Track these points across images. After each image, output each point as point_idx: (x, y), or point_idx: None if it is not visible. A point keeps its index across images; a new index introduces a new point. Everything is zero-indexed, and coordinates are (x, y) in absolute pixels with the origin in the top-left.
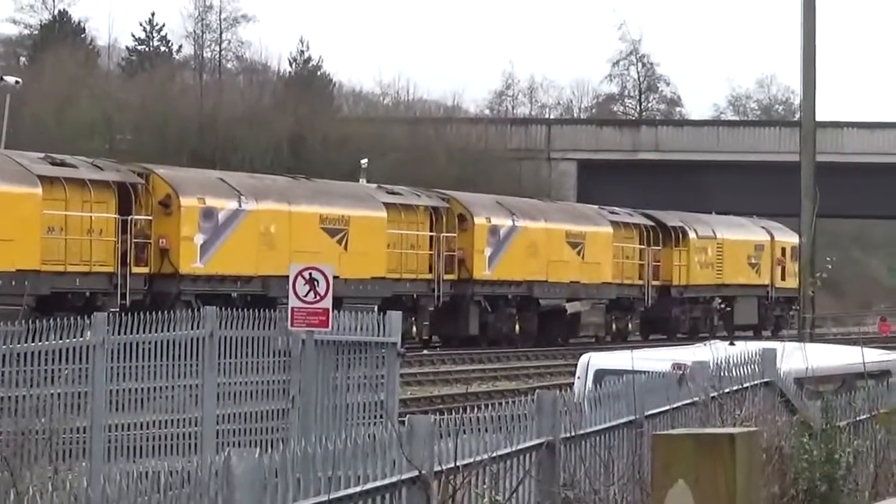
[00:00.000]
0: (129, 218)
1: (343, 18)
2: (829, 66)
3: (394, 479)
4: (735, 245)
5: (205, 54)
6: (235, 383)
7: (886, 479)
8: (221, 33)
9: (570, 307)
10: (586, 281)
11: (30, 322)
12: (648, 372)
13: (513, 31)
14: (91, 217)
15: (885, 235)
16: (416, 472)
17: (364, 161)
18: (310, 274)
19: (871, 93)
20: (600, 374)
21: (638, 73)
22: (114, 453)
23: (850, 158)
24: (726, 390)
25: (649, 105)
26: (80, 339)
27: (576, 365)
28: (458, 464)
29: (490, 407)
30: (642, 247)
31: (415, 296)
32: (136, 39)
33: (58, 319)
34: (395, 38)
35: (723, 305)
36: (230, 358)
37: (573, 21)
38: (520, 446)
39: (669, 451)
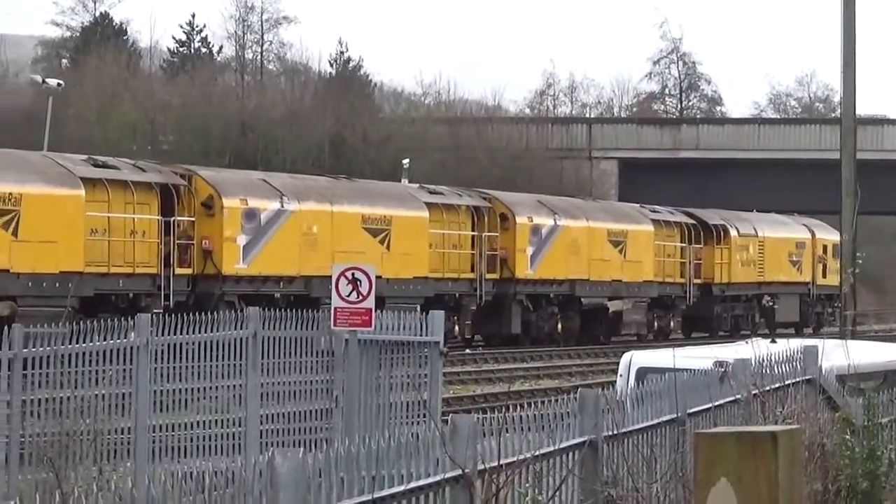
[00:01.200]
0: (172, 219)
1: (383, 19)
2: (869, 61)
3: (437, 479)
4: (776, 243)
5: (246, 56)
6: (279, 383)
7: None
8: (263, 35)
9: (612, 305)
10: (628, 279)
11: (74, 324)
12: (690, 370)
13: (553, 31)
14: (134, 219)
15: None
16: (459, 471)
17: (405, 161)
18: (352, 274)
19: None
20: (642, 373)
21: (679, 71)
22: (158, 454)
23: (891, 155)
24: (768, 388)
25: (690, 103)
26: (124, 340)
27: (618, 363)
28: (501, 462)
29: (533, 405)
30: (683, 245)
31: (457, 295)
32: (177, 41)
33: (101, 321)
34: (436, 37)
35: (771, 303)
36: (273, 358)
37: (614, 20)
38: (562, 445)
39: (712, 449)
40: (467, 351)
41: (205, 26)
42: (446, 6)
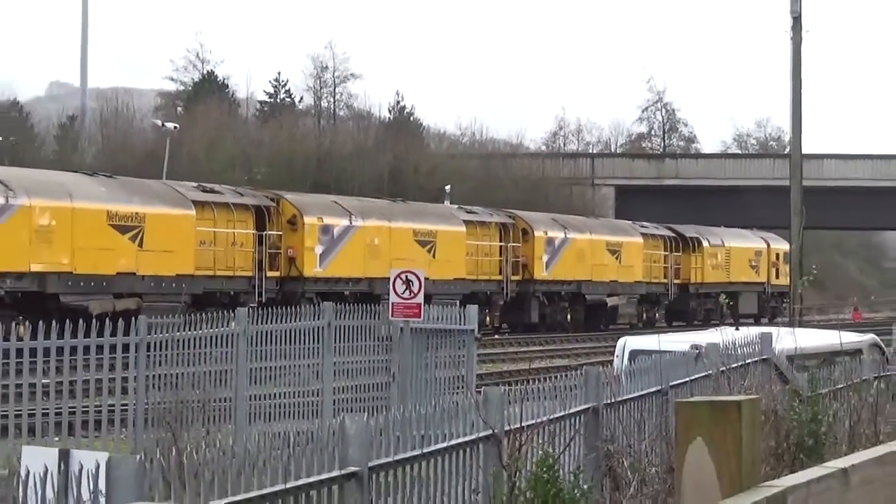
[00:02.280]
0: (264, 233)
1: (430, 76)
2: (812, 107)
3: (473, 437)
4: (739, 251)
5: (322, 104)
6: (348, 362)
7: (859, 434)
8: (335, 88)
9: (610, 301)
10: (622, 280)
11: (187, 315)
12: (672, 351)
13: (564, 84)
14: (234, 233)
15: (858, 243)
16: (490, 431)
17: (447, 187)
18: (406, 276)
19: (847, 128)
20: (634, 354)
21: (662, 116)
22: (253, 418)
23: (829, 183)
24: (733, 366)
25: (671, 142)
26: (227, 328)
27: (615, 346)
28: (522, 424)
29: (547, 379)
30: (666, 253)
31: (488, 293)
32: (267, 93)
33: (208, 313)
34: (471, 90)
35: (728, 301)
36: (343, 342)
37: (612, 76)
38: (571, 410)
39: (689, 414)
40: (496, 336)
41: (288, 81)
42: (480, 66)
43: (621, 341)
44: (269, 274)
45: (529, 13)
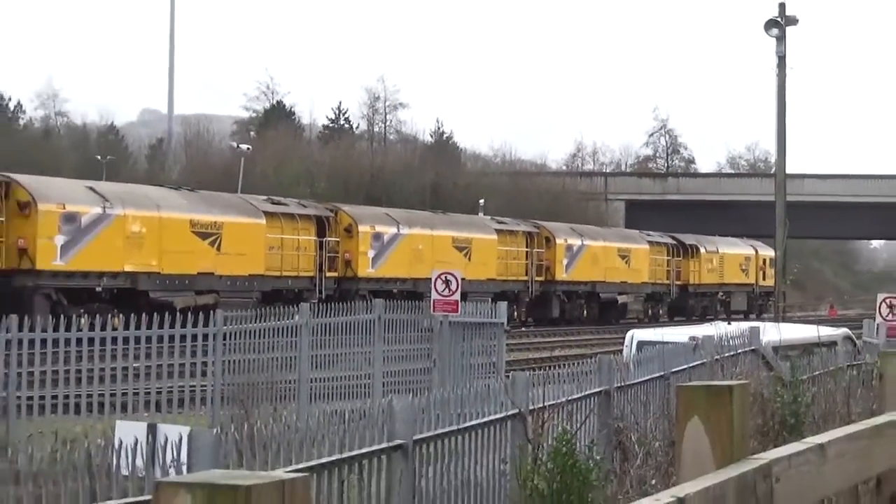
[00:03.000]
0: (324, 239)
1: (466, 105)
2: (794, 130)
3: (502, 415)
4: (731, 257)
5: (374, 129)
6: (395, 350)
7: (833, 415)
8: (385, 115)
9: (621, 299)
10: (631, 281)
11: (257, 309)
12: (673, 342)
13: (582, 112)
14: (298, 239)
15: (833, 250)
16: (517, 410)
17: (481, 201)
18: (446, 277)
19: (824, 149)
20: (640, 344)
21: (665, 141)
22: (314, 398)
23: (808, 198)
24: (725, 355)
25: (673, 162)
26: (292, 320)
27: (624, 337)
28: (545, 404)
29: (566, 366)
30: (668, 258)
31: (516, 291)
32: (329, 119)
33: (276, 307)
34: (502, 117)
35: (723, 298)
36: (392, 333)
37: (622, 106)
38: (586, 392)
39: (688, 396)
40: (522, 329)
41: (347, 110)
42: (509, 97)
43: (630, 333)
44: (328, 274)
45: (554, 52)
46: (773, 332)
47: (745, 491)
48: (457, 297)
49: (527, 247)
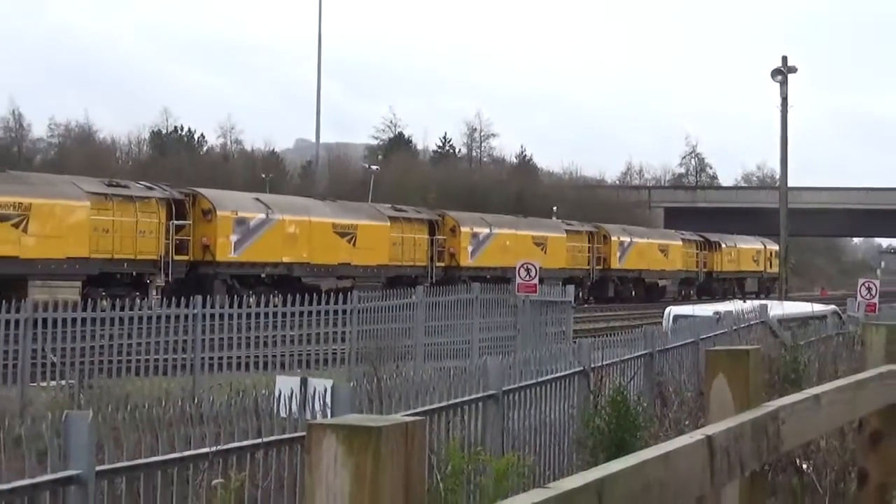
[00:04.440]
0: (434, 237)
1: (544, 132)
2: (794, 151)
3: (570, 372)
4: (745, 250)
5: (472, 153)
6: (488, 321)
7: (825, 372)
8: (481, 142)
9: (661, 283)
10: (668, 269)
11: (384, 291)
12: (702, 316)
13: (631, 138)
14: (414, 237)
15: (823, 245)
16: (581, 368)
17: (554, 207)
18: (527, 266)
19: (817, 166)
20: (676, 317)
21: (695, 162)
22: (427, 357)
23: (805, 206)
24: (742, 326)
25: (701, 178)
26: (410, 299)
27: (663, 312)
28: (603, 364)
29: (619, 334)
30: (697, 251)
31: (580, 277)
32: (437, 146)
33: (398, 289)
34: (570, 141)
35: (739, 282)
36: (485, 309)
37: (661, 134)
38: (634, 354)
39: (713, 358)
40: (585, 306)
41: (451, 139)
42: (575, 125)
43: (668, 309)
44: (437, 264)
45: (608, 89)
46: (778, 308)
47: (759, 430)
48: (535, 281)
49: (589, 243)
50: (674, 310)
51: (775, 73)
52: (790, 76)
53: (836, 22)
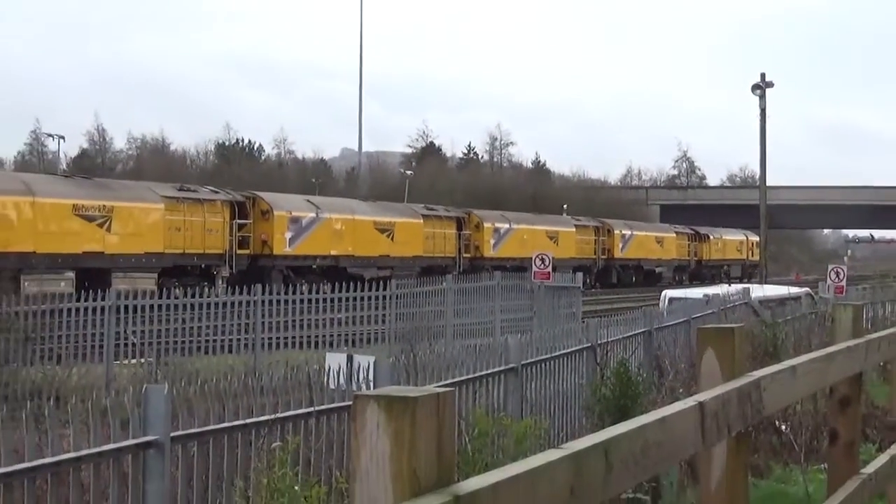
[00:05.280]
0: (461, 232)
1: (557, 141)
2: (774, 154)
3: (579, 347)
4: (731, 241)
5: (493, 159)
6: (508, 304)
7: (799, 346)
8: (501, 150)
9: (657, 270)
10: (664, 258)
11: (418, 278)
12: (693, 298)
13: (632, 146)
14: (444, 232)
15: (798, 236)
16: (589, 344)
17: (565, 206)
18: (542, 256)
19: (794, 164)
20: (671, 299)
21: (686, 165)
22: (455, 336)
23: (781, 202)
24: (728, 306)
25: (691, 179)
26: (441, 286)
27: (660, 295)
28: (608, 340)
29: (622, 314)
30: (689, 242)
31: (588, 265)
32: (463, 153)
33: (430, 278)
34: (577, 146)
35: (725, 268)
36: (506, 294)
37: (655, 141)
38: (635, 332)
39: (704, 335)
40: (592, 290)
41: (475, 147)
42: (584, 133)
43: (663, 293)
44: (464, 255)
45: (613, 100)
46: (759, 291)
47: (743, 396)
48: (549, 269)
49: (595, 236)
50: (669, 293)
51: (755, 87)
52: (768, 90)
53: (812, 40)
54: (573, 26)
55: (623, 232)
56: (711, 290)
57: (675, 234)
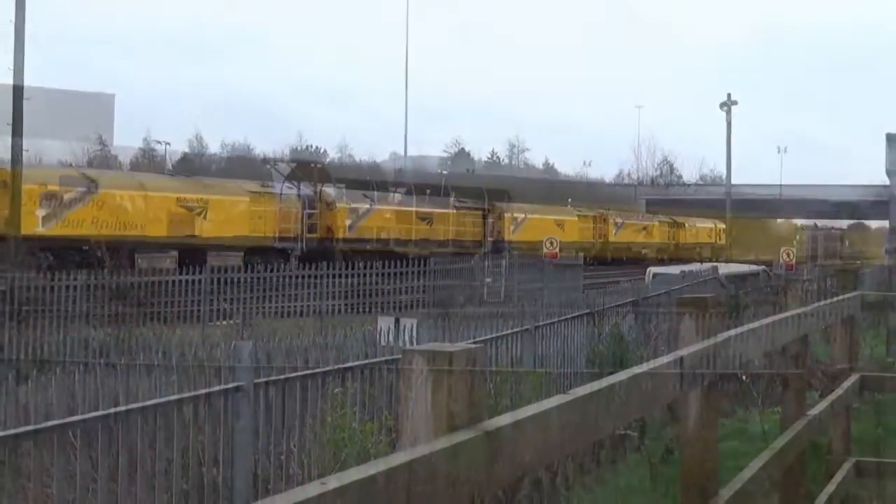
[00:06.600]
0: (487, 220)
1: (561, 148)
2: (739, 156)
3: (581, 313)
4: (703, 228)
5: (511, 162)
6: (524, 277)
7: (758, 311)
8: (518, 154)
9: (643, 251)
10: (648, 241)
11: (451, 257)
12: (672, 274)
13: (621, 150)
14: (472, 220)
15: (759, 226)
16: (589, 310)
17: (569, 200)
18: (551, 239)
19: (753, 164)
20: (654, 274)
21: (667, 167)
22: (471, 334)
23: (744, 197)
24: (700, 280)
25: (670, 178)
26: (470, 263)
27: (645, 271)
28: (605, 307)
29: (615, 286)
30: (669, 229)
31: (587, 247)
32: (487, 156)
33: (460, 256)
34: (582, 153)
35: (698, 250)
36: (521, 269)
37: (644, 145)
38: (626, 301)
39: (682, 303)
40: (591, 267)
41: (497, 152)
42: (583, 142)
43: (648, 269)
44: (489, 239)
45: (607, 112)
46: (725, 268)
47: (717, 351)
48: (556, 250)
49: (593, 223)
50: (653, 269)
51: (722, 105)
52: (733, 106)
53: (775, 61)
54: (574, 57)
55: (616, 220)
56: (687, 267)
57: (657, 223)
